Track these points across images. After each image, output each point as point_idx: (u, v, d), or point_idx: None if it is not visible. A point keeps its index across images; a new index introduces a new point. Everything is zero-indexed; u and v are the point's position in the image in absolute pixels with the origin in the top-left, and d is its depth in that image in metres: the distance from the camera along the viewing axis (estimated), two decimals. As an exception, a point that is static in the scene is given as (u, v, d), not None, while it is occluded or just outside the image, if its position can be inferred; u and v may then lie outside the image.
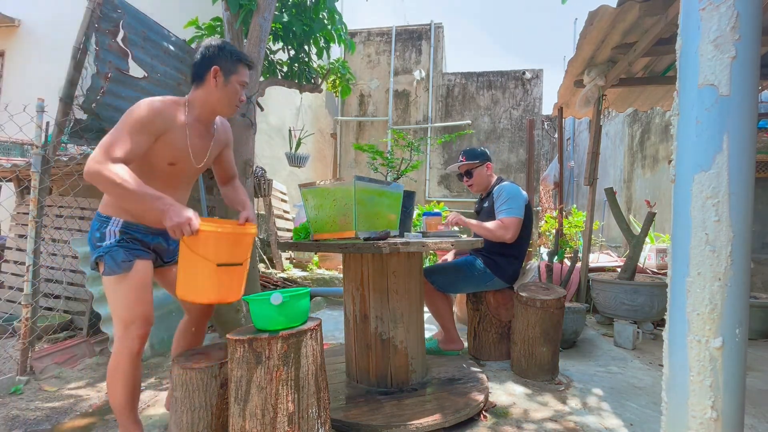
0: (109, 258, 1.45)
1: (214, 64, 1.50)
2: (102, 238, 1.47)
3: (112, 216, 1.50)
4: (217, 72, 1.50)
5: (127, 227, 1.50)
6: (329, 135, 8.63)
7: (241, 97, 1.58)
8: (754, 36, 0.94)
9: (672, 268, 1.04)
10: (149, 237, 1.55)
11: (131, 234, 1.50)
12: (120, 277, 1.44)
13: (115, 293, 1.46)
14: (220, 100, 1.54)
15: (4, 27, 5.87)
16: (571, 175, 9.16)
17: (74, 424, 1.78)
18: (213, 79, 1.51)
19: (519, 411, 1.90)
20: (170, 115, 1.47)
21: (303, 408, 1.30)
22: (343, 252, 1.77)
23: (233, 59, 1.53)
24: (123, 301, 1.45)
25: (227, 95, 1.54)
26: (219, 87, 1.52)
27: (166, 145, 1.47)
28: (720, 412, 0.95)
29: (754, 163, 0.97)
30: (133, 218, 1.51)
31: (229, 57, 1.52)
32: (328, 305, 4.33)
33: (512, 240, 2.41)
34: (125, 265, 1.45)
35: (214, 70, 1.50)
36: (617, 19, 2.92)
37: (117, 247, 1.46)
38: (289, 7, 3.66)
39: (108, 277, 1.45)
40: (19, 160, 3.82)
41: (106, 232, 1.48)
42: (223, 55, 1.52)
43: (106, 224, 1.48)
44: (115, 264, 1.44)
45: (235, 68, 1.53)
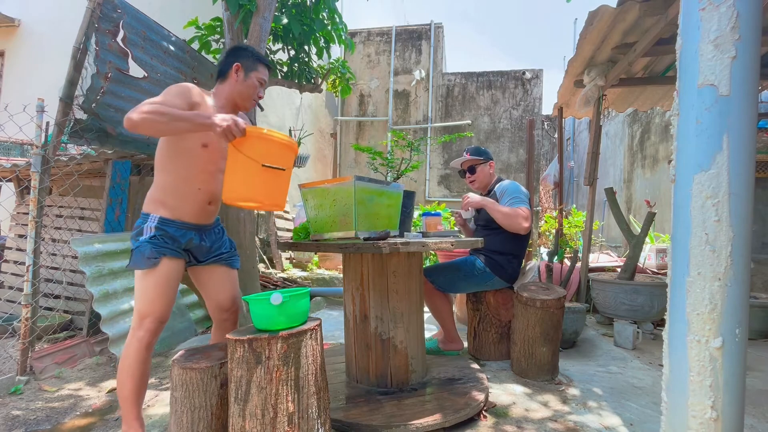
0: (137, 253, 1.53)
1: (236, 61, 1.68)
2: (140, 233, 1.56)
3: (151, 213, 1.58)
4: (239, 68, 1.67)
5: (162, 223, 1.56)
6: (329, 135, 8.63)
7: (259, 93, 1.74)
8: (754, 36, 0.94)
9: (672, 268, 1.04)
10: (182, 233, 1.59)
11: (165, 230, 1.56)
12: (145, 272, 1.52)
13: (139, 285, 1.54)
14: (241, 93, 1.69)
15: (4, 27, 5.87)
16: (571, 175, 9.16)
17: (74, 424, 1.78)
18: (235, 74, 1.67)
19: (519, 411, 1.90)
20: (202, 96, 1.62)
21: (303, 408, 1.30)
22: (343, 252, 1.77)
23: (253, 58, 1.71)
24: (144, 295, 1.52)
25: (247, 89, 1.70)
26: (239, 81, 1.68)
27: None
28: (720, 412, 0.95)
29: (754, 163, 0.97)
30: (169, 214, 1.58)
31: (250, 56, 1.71)
32: (328, 305, 4.33)
33: (527, 230, 2.42)
34: (150, 262, 1.51)
35: (236, 66, 1.67)
36: (617, 19, 2.92)
37: (148, 243, 1.53)
38: (289, 8, 3.65)
39: (136, 271, 1.54)
40: (19, 160, 3.82)
41: (143, 228, 1.55)
42: (245, 54, 1.70)
43: (145, 221, 1.57)
44: (141, 259, 1.52)
45: (255, 66, 1.70)
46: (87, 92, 2.37)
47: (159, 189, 1.60)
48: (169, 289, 1.55)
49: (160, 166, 1.61)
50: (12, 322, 2.70)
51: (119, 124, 2.65)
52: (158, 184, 1.61)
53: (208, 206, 1.66)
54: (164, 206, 1.58)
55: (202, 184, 1.61)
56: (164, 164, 1.60)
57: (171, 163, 1.59)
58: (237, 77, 1.68)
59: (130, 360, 1.50)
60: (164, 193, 1.59)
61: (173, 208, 1.58)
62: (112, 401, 1.99)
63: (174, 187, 1.58)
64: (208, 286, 1.72)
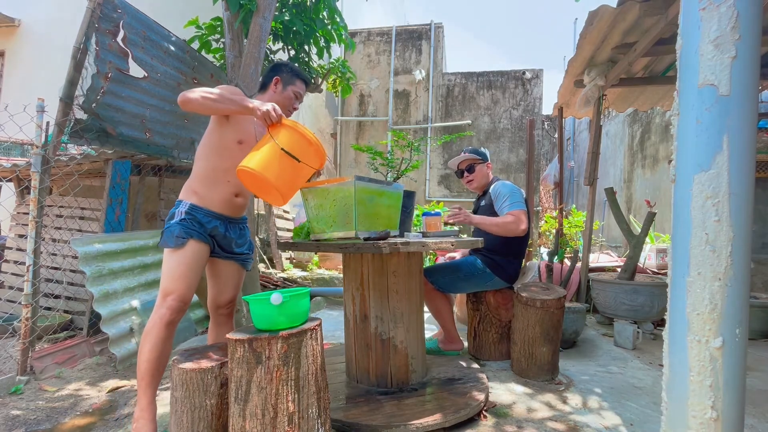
0: (167, 232, 1.65)
1: (276, 75, 1.86)
2: (171, 217, 1.69)
3: (183, 200, 1.72)
4: (278, 81, 1.86)
5: (192, 209, 1.69)
6: (329, 135, 8.63)
7: (294, 105, 1.91)
8: (754, 36, 0.94)
9: (672, 268, 1.04)
10: (208, 219, 1.72)
11: (194, 215, 1.69)
12: (172, 250, 1.63)
13: (166, 264, 1.64)
14: (278, 104, 1.78)
15: (4, 27, 5.87)
16: (571, 175, 9.15)
17: (74, 424, 1.78)
18: (274, 86, 1.86)
19: (519, 411, 1.90)
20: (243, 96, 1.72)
21: (303, 408, 1.30)
22: (343, 252, 1.77)
23: (292, 74, 1.89)
24: (169, 273, 1.63)
25: (283, 100, 1.86)
26: (278, 93, 1.86)
27: (236, 124, 1.75)
28: (720, 412, 0.95)
29: (754, 163, 0.97)
30: (199, 201, 1.71)
31: (290, 71, 1.89)
32: (328, 305, 4.33)
33: (525, 232, 2.40)
34: (179, 241, 1.63)
35: (275, 79, 1.85)
36: (617, 19, 2.92)
37: (177, 224, 1.65)
38: (290, 7, 3.66)
39: (165, 250, 1.65)
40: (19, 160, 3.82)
41: (175, 212, 1.69)
42: (285, 69, 1.89)
43: (178, 206, 1.71)
44: (170, 238, 1.63)
45: (292, 80, 1.88)
46: (87, 92, 2.37)
47: (194, 178, 1.76)
48: (193, 269, 1.66)
49: (198, 157, 1.77)
50: (12, 322, 2.70)
51: (119, 124, 2.65)
52: (194, 173, 1.76)
53: (235, 198, 1.78)
54: (195, 194, 1.72)
55: (231, 176, 1.73)
56: (202, 155, 1.76)
57: (208, 155, 1.75)
58: (276, 89, 1.86)
59: (151, 336, 1.57)
60: (197, 182, 1.74)
61: (202, 197, 1.72)
62: (112, 401, 1.99)
63: (205, 177, 1.73)
64: (220, 278, 1.85)
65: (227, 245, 1.81)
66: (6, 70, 5.97)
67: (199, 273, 1.69)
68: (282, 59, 4.08)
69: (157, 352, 1.57)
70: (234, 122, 1.74)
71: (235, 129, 1.75)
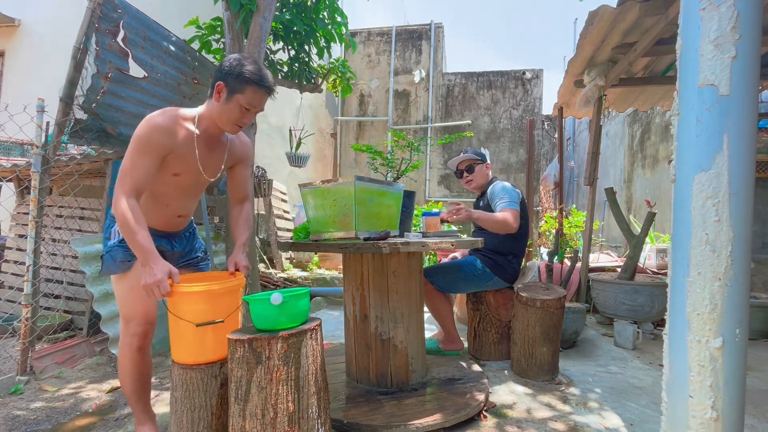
0: (108, 257, 1.50)
1: (220, 79, 1.44)
2: (108, 237, 1.53)
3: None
4: (222, 88, 1.44)
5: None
6: (329, 135, 8.63)
7: (244, 120, 1.49)
8: (754, 36, 0.94)
9: (672, 268, 1.04)
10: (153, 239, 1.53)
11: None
12: (119, 276, 1.50)
13: (116, 291, 1.52)
14: (220, 117, 1.48)
15: (4, 27, 5.87)
16: (571, 175, 9.15)
17: (74, 424, 1.78)
18: (217, 95, 1.46)
19: (519, 411, 1.90)
20: (173, 130, 1.43)
21: (303, 408, 1.30)
22: (343, 252, 1.77)
23: (240, 79, 1.42)
24: (123, 299, 1.51)
25: (228, 113, 1.46)
26: (221, 103, 1.46)
27: (173, 158, 1.46)
28: (720, 412, 0.95)
29: (754, 163, 0.97)
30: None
31: (237, 76, 1.42)
32: (328, 305, 4.33)
33: (516, 230, 2.41)
34: (124, 266, 1.49)
35: (218, 85, 1.45)
36: (617, 19, 2.92)
37: (118, 247, 1.49)
38: (290, 7, 3.66)
39: (112, 276, 1.51)
40: (19, 160, 3.82)
41: (112, 232, 1.52)
42: (231, 72, 1.43)
43: (114, 224, 1.52)
44: (113, 263, 1.49)
45: (240, 88, 1.43)
46: (87, 92, 2.37)
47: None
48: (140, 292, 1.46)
49: None
50: (12, 322, 2.70)
51: (119, 124, 2.65)
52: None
53: (177, 218, 1.63)
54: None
55: (171, 201, 1.57)
56: None
57: None
58: (219, 97, 1.45)
59: (126, 363, 1.52)
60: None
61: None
62: (112, 401, 1.99)
63: (143, 202, 1.48)
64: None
65: (177, 258, 1.67)
66: (6, 70, 5.97)
67: None
68: (282, 59, 4.09)
69: (137, 374, 1.53)
70: (172, 158, 1.46)
71: (171, 162, 1.47)
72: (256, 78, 1.44)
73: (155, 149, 1.39)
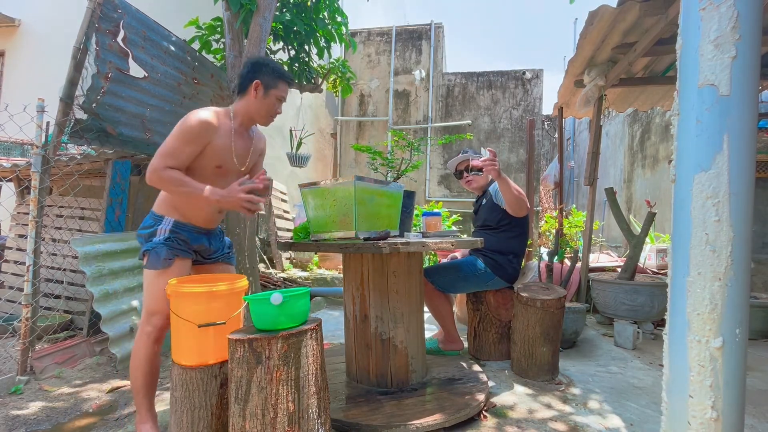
0: (153, 253, 1.59)
1: (256, 78, 1.67)
2: (153, 234, 1.62)
3: (165, 216, 1.65)
4: (258, 85, 1.67)
5: (176, 227, 1.64)
6: (329, 135, 8.63)
7: (277, 110, 1.74)
8: (754, 36, 0.94)
9: (672, 268, 1.04)
10: (194, 236, 1.69)
11: (179, 233, 1.64)
12: (159, 272, 1.58)
13: (150, 285, 1.58)
14: (259, 111, 1.70)
15: (4, 27, 5.87)
16: (571, 175, 9.15)
17: (74, 424, 1.78)
18: (254, 91, 1.67)
19: (519, 411, 1.90)
20: (217, 125, 1.62)
21: (303, 408, 1.30)
22: (343, 252, 1.77)
23: (274, 75, 1.69)
24: (154, 294, 1.58)
25: (265, 106, 1.70)
26: (258, 98, 1.68)
27: (213, 150, 1.62)
28: (720, 412, 0.95)
29: (754, 163, 0.97)
30: (183, 218, 1.66)
31: (271, 72, 1.68)
32: (328, 305, 4.33)
33: (527, 212, 2.43)
34: (166, 263, 1.59)
35: (255, 83, 1.66)
36: (617, 19, 2.92)
37: (163, 244, 1.60)
38: (291, 7, 3.66)
39: (148, 270, 1.59)
40: (19, 160, 3.82)
41: (157, 230, 1.62)
42: (265, 70, 1.68)
43: (159, 223, 1.63)
44: (157, 260, 1.58)
45: (275, 83, 1.69)
46: (87, 92, 2.37)
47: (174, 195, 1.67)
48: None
49: None
50: (12, 322, 2.70)
51: (119, 124, 2.65)
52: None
53: (217, 214, 1.77)
54: (177, 211, 1.65)
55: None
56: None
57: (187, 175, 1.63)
58: (256, 94, 1.68)
59: (140, 355, 1.58)
60: (179, 200, 1.65)
61: (185, 214, 1.67)
62: (112, 401, 1.99)
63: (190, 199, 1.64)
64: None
65: (211, 253, 1.79)
66: (6, 70, 5.97)
67: None
68: (282, 59, 4.09)
69: (149, 367, 1.59)
70: (211, 149, 1.62)
71: (212, 156, 1.63)
72: (286, 74, 1.75)
73: (199, 139, 1.57)
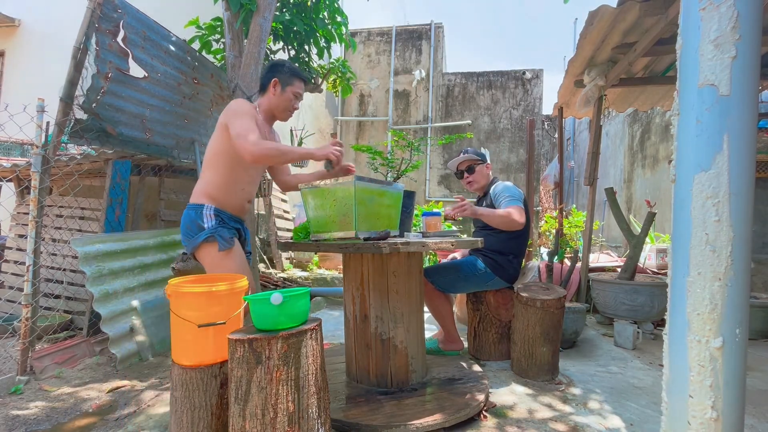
0: (219, 237, 1.74)
1: (274, 76, 1.89)
2: (200, 222, 1.75)
3: (204, 203, 1.79)
4: (276, 83, 1.89)
5: (218, 212, 1.79)
6: (329, 135, 8.63)
7: (294, 105, 1.95)
8: (754, 36, 0.94)
9: (672, 268, 1.04)
10: (231, 222, 1.85)
11: (221, 217, 1.80)
12: (228, 251, 1.74)
13: (222, 266, 1.73)
14: (278, 106, 1.92)
15: (4, 27, 5.87)
16: (571, 175, 9.15)
17: (74, 424, 1.78)
18: (272, 89, 1.89)
19: (519, 411, 1.90)
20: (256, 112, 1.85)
21: (303, 408, 1.30)
22: (343, 252, 1.77)
23: (290, 73, 1.91)
24: (232, 272, 1.73)
25: (283, 102, 1.92)
26: (276, 95, 1.90)
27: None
28: (720, 412, 0.95)
29: (754, 163, 0.97)
30: (219, 205, 1.81)
31: (287, 71, 1.91)
32: (328, 305, 4.33)
33: (523, 225, 2.41)
34: (231, 241, 1.75)
35: (273, 81, 1.88)
36: (617, 19, 2.92)
37: (220, 227, 1.75)
38: (290, 7, 3.66)
39: (217, 253, 1.73)
40: (19, 159, 3.82)
41: (203, 216, 1.76)
42: (282, 69, 1.91)
43: (201, 210, 1.77)
44: (224, 241, 1.74)
45: (290, 80, 1.90)
46: (87, 92, 2.37)
47: (209, 184, 1.82)
48: (243, 263, 1.80)
49: (211, 165, 1.83)
50: (12, 322, 2.70)
51: (119, 124, 2.65)
52: (208, 180, 1.82)
53: (247, 204, 1.93)
54: (213, 199, 1.80)
55: (245, 185, 1.87)
56: (217, 165, 1.82)
57: (223, 166, 1.81)
58: (275, 91, 1.89)
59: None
60: (214, 189, 1.81)
61: (221, 202, 1.82)
62: (112, 401, 1.99)
63: (223, 184, 1.81)
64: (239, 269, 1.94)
65: (244, 242, 1.95)
66: (6, 70, 5.97)
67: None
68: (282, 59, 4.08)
69: None
70: None
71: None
72: (301, 73, 1.96)
73: (255, 118, 1.79)
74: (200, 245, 1.74)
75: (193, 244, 1.76)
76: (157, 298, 2.75)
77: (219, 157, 1.82)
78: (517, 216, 2.37)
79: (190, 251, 1.79)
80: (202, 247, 1.74)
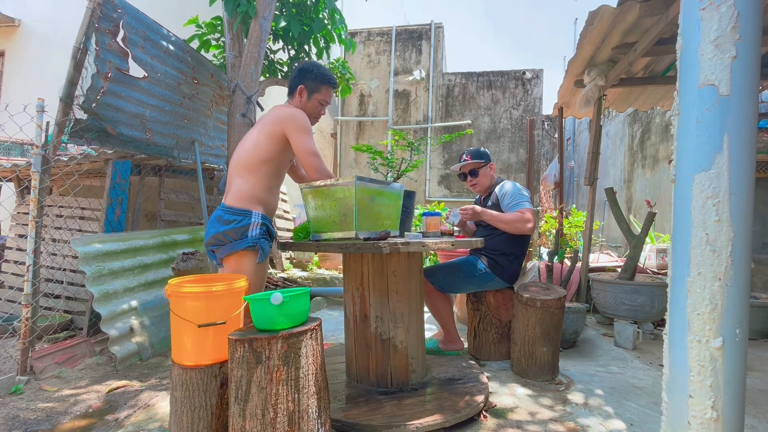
0: (261, 249, 1.77)
1: (300, 83, 1.90)
2: (246, 228, 1.74)
3: (252, 209, 1.77)
4: (303, 90, 1.90)
5: (264, 219, 1.80)
6: (329, 135, 8.63)
7: (321, 112, 1.97)
8: (754, 36, 0.94)
9: (672, 268, 1.04)
10: (271, 228, 1.87)
11: (267, 226, 1.82)
12: (263, 264, 1.79)
13: (255, 274, 1.76)
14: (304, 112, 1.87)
15: (4, 27, 5.87)
16: (571, 175, 9.15)
17: (74, 424, 1.78)
18: (299, 96, 1.91)
19: (519, 411, 1.90)
20: None
21: (303, 408, 1.30)
22: (343, 252, 1.77)
23: (317, 81, 1.90)
24: (261, 283, 1.82)
25: (309, 109, 1.92)
26: (303, 102, 1.91)
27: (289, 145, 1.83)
28: (720, 412, 0.95)
29: (754, 163, 0.97)
30: (264, 210, 1.82)
31: (314, 78, 1.90)
32: (328, 305, 4.33)
33: (532, 230, 2.41)
34: (268, 255, 1.80)
35: (300, 88, 1.89)
36: (617, 19, 2.92)
37: (263, 239, 1.77)
38: (290, 7, 3.66)
39: (255, 263, 1.76)
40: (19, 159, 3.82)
41: (251, 224, 1.75)
42: (309, 76, 1.90)
43: (249, 217, 1.75)
44: (263, 254, 1.78)
45: (317, 88, 1.91)
46: (87, 92, 2.37)
47: (258, 188, 1.81)
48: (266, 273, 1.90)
49: (255, 170, 1.81)
50: (12, 322, 2.70)
51: (119, 124, 2.65)
52: (254, 184, 1.80)
53: (278, 203, 1.97)
54: (261, 204, 1.80)
55: (279, 186, 1.92)
56: (261, 170, 1.81)
57: (268, 173, 1.83)
58: (301, 99, 1.90)
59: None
60: (263, 193, 1.81)
61: (267, 207, 1.84)
62: (112, 401, 1.99)
63: (268, 191, 1.83)
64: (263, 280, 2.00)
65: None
66: (6, 70, 5.97)
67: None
68: (282, 59, 4.09)
69: None
70: (288, 146, 1.83)
71: (291, 151, 1.86)
72: (330, 78, 1.93)
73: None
74: (240, 251, 1.73)
75: (232, 249, 1.73)
76: (157, 298, 2.75)
77: (266, 164, 1.81)
78: (521, 223, 2.39)
79: (224, 254, 1.74)
80: (240, 253, 1.73)
